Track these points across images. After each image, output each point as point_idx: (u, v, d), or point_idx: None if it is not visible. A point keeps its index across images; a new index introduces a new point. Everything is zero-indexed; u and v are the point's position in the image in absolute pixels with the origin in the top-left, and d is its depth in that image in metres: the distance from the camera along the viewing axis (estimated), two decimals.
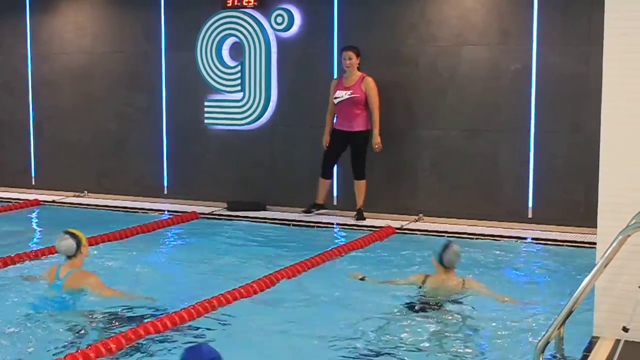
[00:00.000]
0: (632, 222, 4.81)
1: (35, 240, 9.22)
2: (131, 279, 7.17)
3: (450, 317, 6.03)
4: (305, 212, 10.29)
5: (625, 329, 4.51)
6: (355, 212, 10.05)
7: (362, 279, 7.03)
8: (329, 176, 10.29)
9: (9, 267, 7.55)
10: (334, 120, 10.16)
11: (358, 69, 10.00)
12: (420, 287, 6.57)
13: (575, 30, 9.33)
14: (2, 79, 13.02)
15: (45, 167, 12.74)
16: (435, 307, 6.24)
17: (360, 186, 10.05)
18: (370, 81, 9.92)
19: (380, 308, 6.28)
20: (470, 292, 6.45)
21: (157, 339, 5.52)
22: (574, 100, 9.36)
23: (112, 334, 5.45)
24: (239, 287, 6.66)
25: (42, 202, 11.46)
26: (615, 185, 5.30)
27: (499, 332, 5.73)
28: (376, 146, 9.90)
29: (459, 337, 5.65)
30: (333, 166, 10.28)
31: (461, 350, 5.38)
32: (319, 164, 10.27)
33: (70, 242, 6.36)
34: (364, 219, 9.96)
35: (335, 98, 10.02)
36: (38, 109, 12.75)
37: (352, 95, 9.91)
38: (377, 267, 7.63)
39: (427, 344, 5.49)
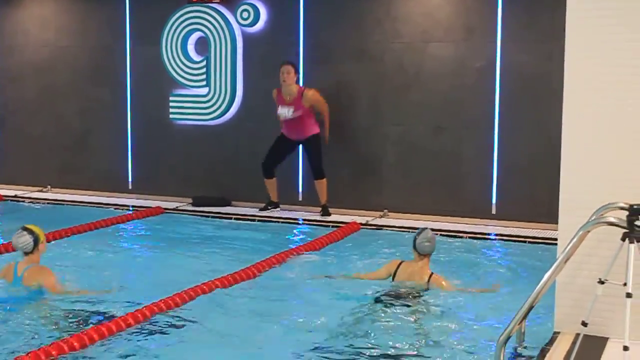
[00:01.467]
0: (592, 219, 4.87)
1: None
2: (93, 274, 7.10)
3: (414, 311, 6.06)
4: (262, 209, 10.29)
5: (584, 324, 4.57)
6: (320, 209, 10.07)
7: (326, 278, 7.02)
8: (272, 175, 10.29)
9: None
10: (282, 127, 10.16)
11: (297, 82, 10.04)
12: (394, 273, 6.58)
13: (539, 27, 9.42)
14: None
15: (8, 162, 12.59)
16: (402, 299, 6.27)
17: (321, 185, 10.08)
18: (310, 95, 9.92)
19: (346, 302, 6.30)
20: (434, 287, 6.48)
21: (118, 336, 5.48)
22: (538, 98, 9.44)
23: (72, 333, 5.41)
24: (203, 283, 6.63)
25: (4, 197, 11.32)
26: (576, 183, 5.36)
27: (461, 326, 5.77)
28: (325, 141, 9.99)
29: (423, 330, 5.69)
30: (275, 166, 10.28)
31: (424, 344, 5.41)
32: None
33: (27, 239, 6.29)
34: (330, 214, 9.99)
35: (280, 115, 10.03)
36: (0, 102, 12.60)
37: (295, 115, 9.93)
38: (343, 263, 7.64)
39: (388, 336, 5.52)
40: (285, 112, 9.96)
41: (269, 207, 10.32)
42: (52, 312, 5.97)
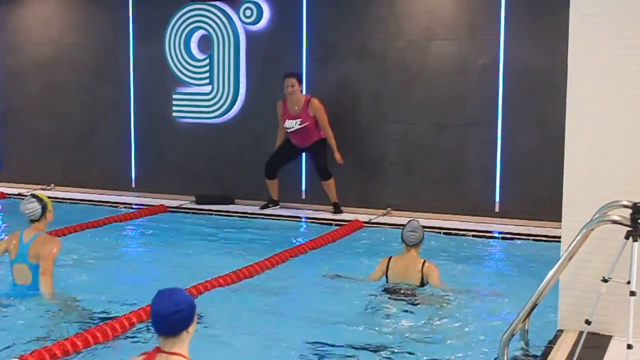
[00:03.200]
0: (596, 217, 4.87)
1: (0, 233, 9.13)
2: (97, 272, 7.12)
3: (415, 310, 6.05)
4: (262, 207, 10.29)
5: (587, 322, 4.57)
6: (332, 207, 10.06)
7: (332, 278, 6.99)
8: (274, 176, 10.30)
9: None
10: (289, 136, 10.17)
11: (301, 92, 10.04)
12: (386, 268, 6.56)
13: (542, 25, 9.40)
14: None
15: (11, 160, 12.61)
16: (402, 296, 6.27)
17: (329, 185, 10.08)
18: (315, 103, 9.92)
19: (346, 300, 6.31)
20: (428, 275, 6.44)
21: (121, 335, 5.50)
22: (541, 95, 9.43)
23: (78, 331, 5.42)
24: (206, 281, 6.64)
25: (7, 195, 11.33)
26: (579, 180, 5.36)
27: (465, 325, 5.77)
28: (339, 162, 9.93)
29: (426, 328, 5.69)
30: (278, 167, 10.28)
31: (426, 342, 5.41)
32: None
33: (35, 205, 6.22)
34: (341, 211, 9.98)
35: (286, 128, 10.04)
36: (4, 100, 12.62)
37: (302, 125, 9.94)
38: (346, 261, 7.65)
39: (389, 334, 5.53)
40: (292, 124, 9.97)
41: (269, 205, 10.31)
42: (55, 309, 5.97)
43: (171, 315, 3.33)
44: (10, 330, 5.55)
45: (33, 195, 6.32)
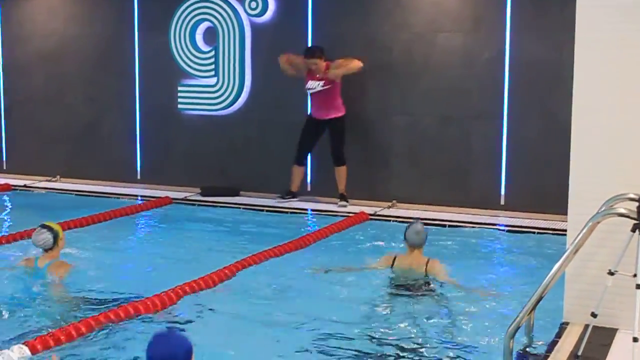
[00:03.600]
0: (602, 209, 4.86)
1: (7, 225, 9.16)
2: (102, 265, 7.14)
3: (418, 302, 6.05)
4: (280, 197, 10.27)
5: (593, 315, 4.57)
6: (338, 198, 10.04)
7: (326, 272, 6.97)
8: (303, 163, 10.29)
9: None
10: (309, 109, 10.15)
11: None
12: (391, 267, 6.60)
13: (548, 18, 9.38)
14: None
15: (17, 151, 12.62)
16: (405, 290, 6.28)
17: (341, 172, 10.07)
18: (336, 62, 9.90)
19: (352, 294, 6.32)
20: (433, 272, 6.46)
21: (126, 324, 5.51)
22: (547, 88, 9.41)
23: (82, 318, 5.45)
24: (211, 273, 6.64)
25: (13, 187, 11.34)
26: (585, 173, 5.35)
27: (469, 318, 5.77)
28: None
29: (429, 322, 5.69)
30: (308, 153, 10.28)
31: (430, 335, 5.41)
32: (293, 149, 10.27)
33: (47, 236, 6.36)
34: (347, 203, 9.97)
35: (309, 89, 10.03)
36: (9, 92, 12.63)
37: (325, 87, 9.92)
38: (351, 253, 7.65)
39: (396, 328, 5.53)
40: (315, 85, 9.95)
41: (287, 197, 10.26)
42: (65, 299, 6.04)
43: None
44: (18, 319, 5.62)
45: (43, 226, 6.42)
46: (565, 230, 5.50)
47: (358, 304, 6.06)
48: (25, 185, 11.50)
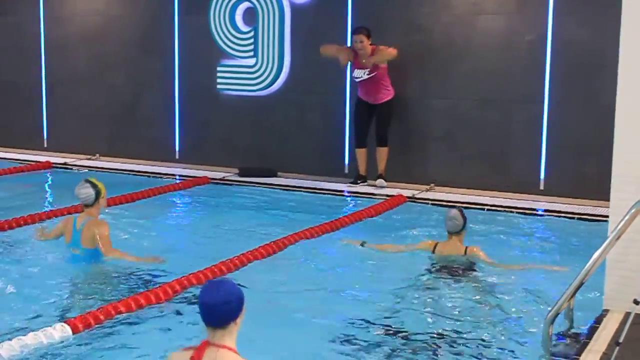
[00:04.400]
0: None
1: (47, 202, 9.27)
2: (141, 242, 7.21)
3: (459, 288, 6.03)
4: (352, 183, 10.18)
5: (636, 302, 4.51)
6: (376, 178, 10.00)
7: (362, 245, 7.04)
8: (364, 144, 10.20)
9: (22, 227, 7.60)
10: (358, 90, 10.10)
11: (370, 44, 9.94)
12: (432, 253, 6.61)
13: (591, 0, 9.23)
14: (15, 41, 13.00)
15: (58, 130, 12.75)
16: (445, 274, 6.27)
17: (383, 153, 10.03)
18: (381, 49, 9.82)
19: (390, 275, 6.31)
20: (474, 258, 6.45)
21: (164, 304, 5.55)
22: (589, 72, 9.27)
23: (122, 297, 5.50)
24: (249, 251, 6.68)
25: (53, 165, 11.47)
26: (629, 159, 5.27)
27: (510, 303, 5.73)
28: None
29: (470, 307, 5.66)
30: (366, 134, 10.18)
31: (471, 320, 5.39)
32: (331, 131, 10.28)
33: (89, 191, 6.35)
34: (386, 184, 9.92)
35: (355, 78, 10.00)
36: (50, 71, 12.75)
37: (371, 75, 9.88)
38: (388, 235, 7.62)
39: (437, 312, 5.52)
40: (361, 74, 9.92)
41: (358, 182, 10.17)
42: (104, 277, 6.11)
43: (219, 306, 3.33)
44: (60, 296, 5.70)
45: (87, 181, 6.42)
46: (607, 216, 5.43)
47: (398, 285, 6.05)
48: (65, 163, 11.62)
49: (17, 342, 4.65)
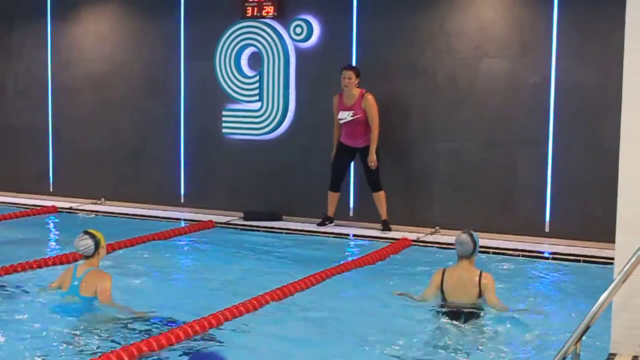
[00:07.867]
0: None
1: (52, 247, 9.25)
2: (145, 287, 7.18)
3: (467, 331, 5.98)
4: (319, 224, 10.27)
5: None
6: (380, 224, 10.01)
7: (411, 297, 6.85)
8: (337, 189, 10.27)
9: (27, 272, 7.58)
10: (341, 133, 10.15)
11: (358, 86, 9.99)
12: (440, 284, 6.46)
13: (595, 44, 9.29)
14: (22, 86, 13.10)
15: (63, 174, 12.79)
16: (453, 315, 6.20)
17: (380, 198, 10.03)
18: (369, 99, 9.90)
19: (396, 318, 6.27)
20: (484, 290, 6.36)
21: (169, 350, 5.50)
22: (593, 114, 9.30)
23: (124, 344, 5.45)
24: (254, 298, 6.64)
25: (59, 209, 11.49)
26: (634, 200, 5.25)
27: (515, 347, 5.69)
28: (371, 164, 9.89)
29: (477, 350, 5.61)
30: (342, 179, 10.26)
31: None
32: None
33: (88, 242, 6.35)
34: (390, 229, 9.92)
35: (340, 119, 10.06)
36: (57, 115, 12.83)
37: (354, 117, 9.93)
38: (395, 280, 7.58)
39: (440, 354, 5.46)
40: (345, 115, 9.97)
41: (326, 223, 10.28)
42: (107, 322, 6.04)
43: None
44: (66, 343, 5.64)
45: (86, 232, 6.43)
46: (612, 259, 5.40)
47: (403, 330, 6.00)
48: (70, 208, 11.64)
49: None
